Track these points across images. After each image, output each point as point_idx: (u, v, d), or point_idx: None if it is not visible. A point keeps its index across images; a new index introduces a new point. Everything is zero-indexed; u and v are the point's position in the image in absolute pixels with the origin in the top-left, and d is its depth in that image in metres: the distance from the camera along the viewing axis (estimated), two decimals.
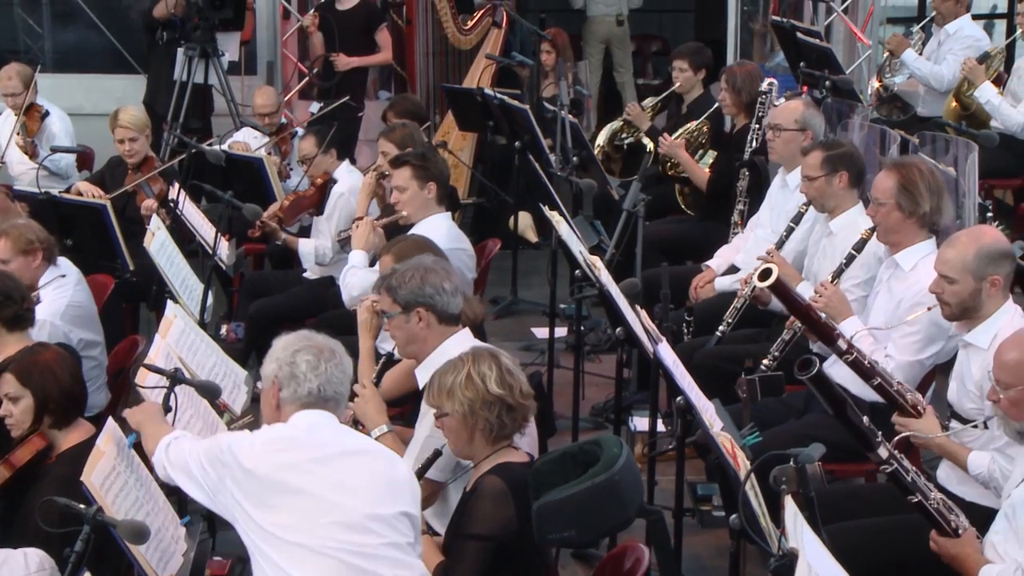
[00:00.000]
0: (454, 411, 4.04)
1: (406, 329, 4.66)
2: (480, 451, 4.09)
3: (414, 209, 6.06)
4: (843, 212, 5.64)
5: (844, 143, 5.79)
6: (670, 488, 4.91)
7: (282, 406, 3.85)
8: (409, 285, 4.64)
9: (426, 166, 6.08)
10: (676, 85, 8.14)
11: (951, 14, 8.94)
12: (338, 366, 3.87)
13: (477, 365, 4.06)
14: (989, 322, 4.37)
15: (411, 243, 5.37)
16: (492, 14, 9.46)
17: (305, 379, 3.81)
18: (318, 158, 7.23)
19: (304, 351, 3.85)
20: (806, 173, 5.66)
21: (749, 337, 5.92)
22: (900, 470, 3.88)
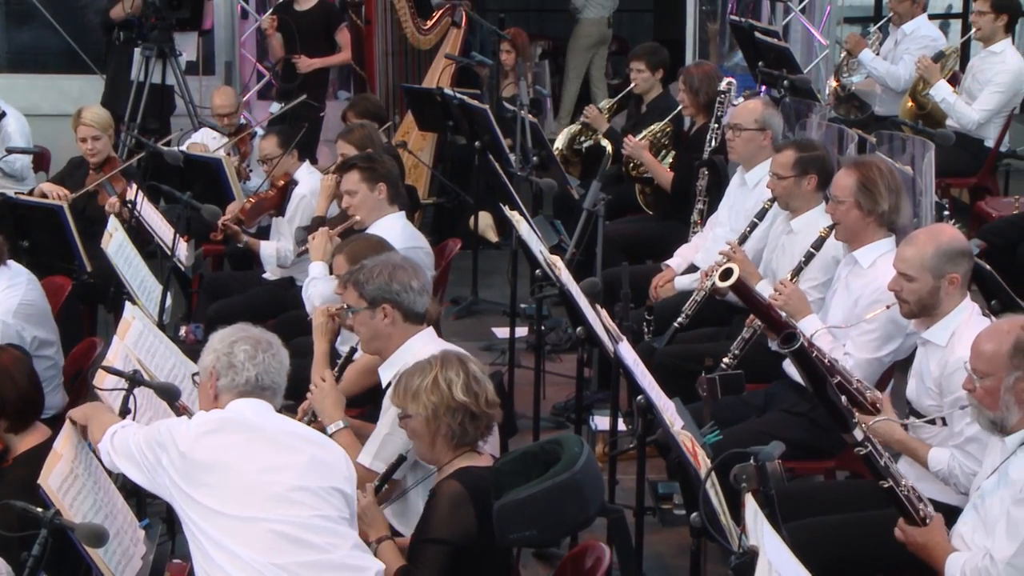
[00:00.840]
0: (417, 414, 4.03)
1: (371, 325, 4.65)
2: (443, 456, 4.08)
3: (366, 212, 6.05)
4: (806, 212, 5.67)
5: (818, 145, 5.81)
6: (631, 487, 4.92)
7: (219, 395, 3.92)
8: (376, 281, 4.63)
9: (374, 167, 6.08)
10: (633, 85, 8.17)
11: (908, 14, 9.02)
12: (275, 356, 3.94)
13: (445, 370, 4.05)
14: (947, 320, 4.40)
15: (364, 243, 5.37)
16: (451, 14, 9.45)
17: (243, 368, 3.89)
18: (278, 159, 7.20)
19: (241, 341, 3.92)
20: (776, 171, 5.68)
21: (709, 336, 5.94)
22: (874, 453, 3.89)
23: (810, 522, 4.39)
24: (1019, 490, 3.73)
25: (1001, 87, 8.14)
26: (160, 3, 9.08)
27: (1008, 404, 3.78)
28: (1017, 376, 3.75)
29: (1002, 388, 3.77)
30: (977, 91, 8.22)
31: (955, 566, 3.85)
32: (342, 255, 5.31)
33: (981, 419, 3.88)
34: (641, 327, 6.19)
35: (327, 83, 10.05)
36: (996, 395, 3.78)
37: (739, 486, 3.32)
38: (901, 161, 5.86)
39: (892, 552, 4.05)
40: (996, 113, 8.18)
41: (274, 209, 7.22)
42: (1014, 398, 3.77)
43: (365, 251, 5.20)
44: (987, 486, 3.90)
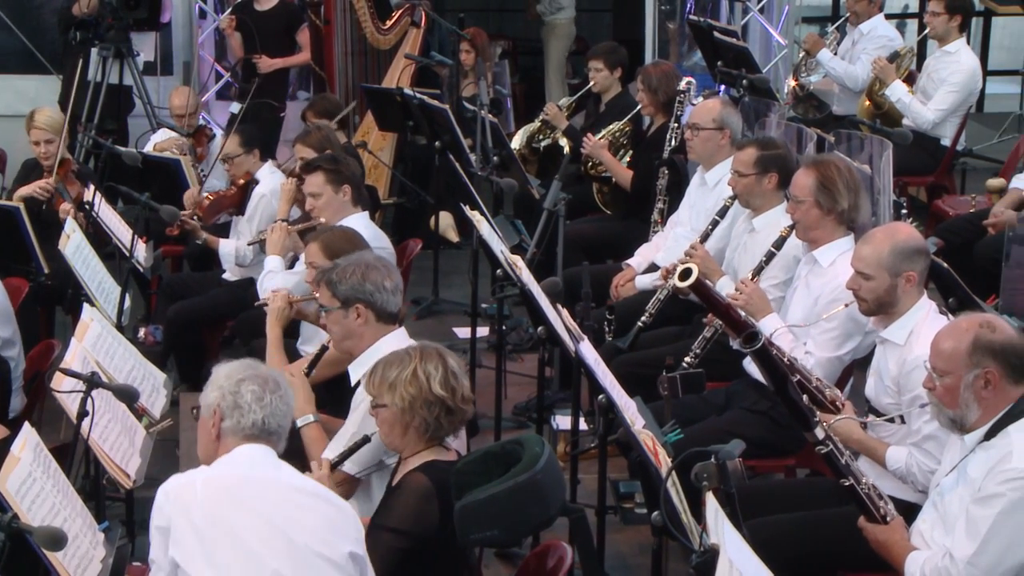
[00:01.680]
0: (393, 404, 4.01)
1: (343, 324, 4.64)
2: (411, 446, 4.07)
3: (331, 213, 6.04)
4: (768, 211, 5.70)
5: (779, 144, 5.83)
6: (592, 486, 4.92)
7: (223, 436, 3.69)
8: (350, 281, 4.61)
9: (339, 169, 6.07)
10: (592, 84, 8.19)
11: (865, 13, 9.08)
12: (282, 399, 3.71)
13: (424, 363, 4.03)
14: (905, 318, 4.43)
15: (339, 233, 5.38)
16: (410, 14, 9.43)
17: (249, 410, 3.65)
18: (240, 158, 7.17)
19: (249, 380, 3.69)
20: (737, 168, 5.70)
21: (670, 335, 5.95)
22: (835, 451, 3.91)
23: (771, 520, 4.41)
24: (977, 489, 3.76)
25: (956, 87, 8.19)
26: (117, 3, 9.02)
27: (967, 402, 3.81)
28: (976, 374, 3.78)
29: (962, 386, 3.80)
30: (932, 90, 8.28)
31: (915, 565, 3.87)
32: (317, 243, 5.32)
33: (941, 417, 3.91)
34: (602, 326, 6.20)
35: (287, 83, 10.02)
36: (956, 393, 3.81)
37: (700, 484, 3.33)
38: (859, 160, 5.89)
39: (852, 549, 4.07)
40: (951, 112, 8.23)
41: (234, 207, 7.18)
42: (973, 396, 3.80)
43: (340, 242, 5.23)
44: (946, 483, 3.92)
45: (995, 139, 10.51)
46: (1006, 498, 3.69)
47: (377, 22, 9.34)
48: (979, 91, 8.86)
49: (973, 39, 11.07)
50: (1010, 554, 3.72)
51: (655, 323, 5.97)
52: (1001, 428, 3.80)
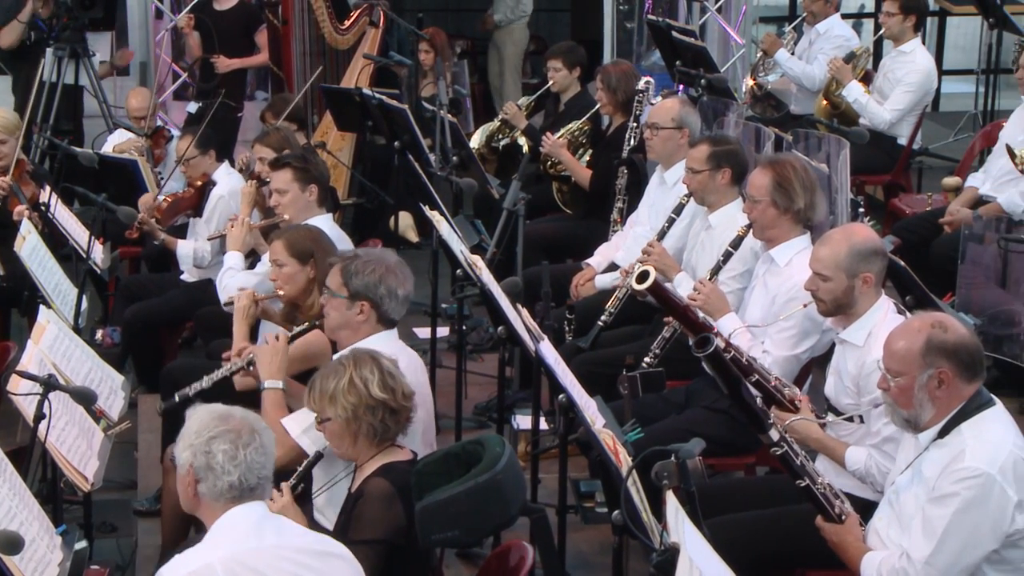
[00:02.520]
0: (337, 416, 4.01)
1: (344, 314, 4.63)
2: (364, 453, 4.07)
3: (295, 212, 6.02)
4: (723, 207, 5.72)
5: (731, 140, 5.87)
6: (553, 486, 4.93)
7: (202, 498, 3.49)
8: (367, 277, 4.60)
9: (307, 168, 6.06)
10: (551, 84, 8.20)
11: (821, 13, 9.13)
12: (258, 449, 3.48)
13: (359, 369, 4.03)
14: (863, 319, 4.45)
15: (304, 231, 5.37)
16: (369, 14, 9.40)
17: (223, 471, 3.43)
18: (197, 159, 7.13)
19: (220, 438, 3.45)
20: (691, 165, 5.72)
21: (630, 335, 5.96)
22: (790, 453, 3.93)
23: (731, 518, 4.42)
24: (932, 488, 3.78)
25: (911, 87, 8.25)
26: (72, 3, 8.95)
27: (921, 402, 3.83)
28: (930, 374, 3.80)
29: (915, 386, 3.82)
30: (889, 90, 8.33)
31: (871, 566, 3.89)
32: (280, 241, 5.31)
33: (895, 417, 3.93)
34: (562, 326, 6.20)
35: (245, 83, 9.97)
36: (910, 393, 3.83)
37: (660, 483, 3.33)
38: (817, 159, 5.93)
39: (812, 547, 4.09)
40: (907, 112, 8.28)
41: (191, 209, 7.14)
42: (927, 396, 3.82)
43: (304, 239, 5.24)
44: (901, 482, 3.95)
45: (950, 138, 10.60)
46: (960, 497, 3.72)
47: (335, 22, 9.31)
48: (934, 90, 8.92)
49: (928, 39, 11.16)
50: (966, 553, 3.74)
51: (615, 322, 5.98)
52: (954, 426, 3.82)
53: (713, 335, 4.35)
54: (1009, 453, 3.75)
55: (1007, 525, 3.73)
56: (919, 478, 3.85)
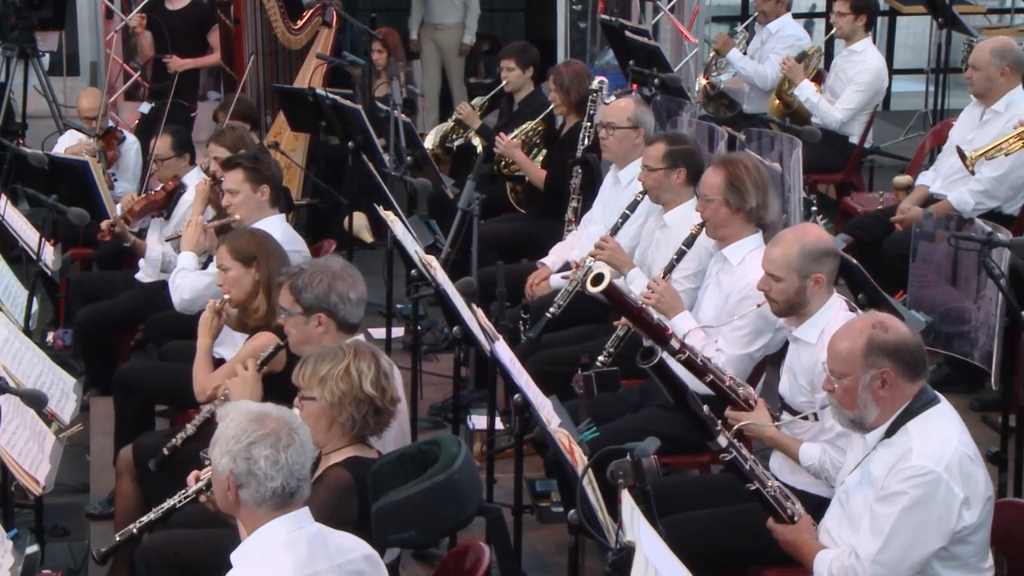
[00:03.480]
0: (322, 398, 4.00)
1: (304, 330, 4.62)
2: (333, 442, 4.06)
3: (247, 212, 6.00)
4: (678, 206, 5.74)
5: (688, 139, 5.90)
6: (509, 485, 4.93)
7: (243, 504, 3.44)
8: (316, 289, 4.58)
9: (259, 168, 6.03)
10: (504, 84, 8.21)
11: (773, 13, 9.18)
12: (298, 450, 3.43)
13: (357, 360, 4.02)
14: (816, 317, 4.48)
15: (247, 235, 5.35)
16: (322, 13, 9.37)
17: (267, 478, 3.38)
18: (172, 160, 7.08)
19: (260, 443, 3.39)
20: (647, 163, 5.75)
21: (584, 334, 5.97)
22: (739, 458, 3.95)
23: (686, 516, 4.44)
24: (880, 487, 3.81)
25: (862, 86, 8.30)
26: (21, 3, 8.86)
27: (866, 402, 3.85)
28: (872, 375, 3.82)
29: (859, 387, 3.83)
30: (840, 89, 8.39)
31: (822, 564, 3.91)
32: (224, 245, 5.28)
33: (841, 418, 3.96)
34: (517, 326, 6.20)
35: (198, 83, 9.91)
36: (854, 394, 3.85)
37: (616, 482, 3.34)
38: (770, 158, 5.96)
39: (767, 545, 4.11)
40: (859, 111, 8.34)
41: (160, 211, 7.09)
42: (871, 396, 3.84)
43: (249, 245, 5.21)
44: (851, 482, 3.97)
45: (901, 137, 10.68)
46: (908, 496, 3.74)
47: (288, 22, 9.27)
48: (885, 90, 8.99)
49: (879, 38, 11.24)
50: (913, 550, 3.77)
51: (569, 321, 5.99)
52: (900, 425, 3.84)
53: (667, 336, 4.39)
54: (955, 451, 3.78)
55: (954, 522, 3.76)
56: (868, 478, 3.88)
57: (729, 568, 4.45)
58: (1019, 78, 6.81)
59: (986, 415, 5.96)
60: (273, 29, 9.25)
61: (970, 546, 3.83)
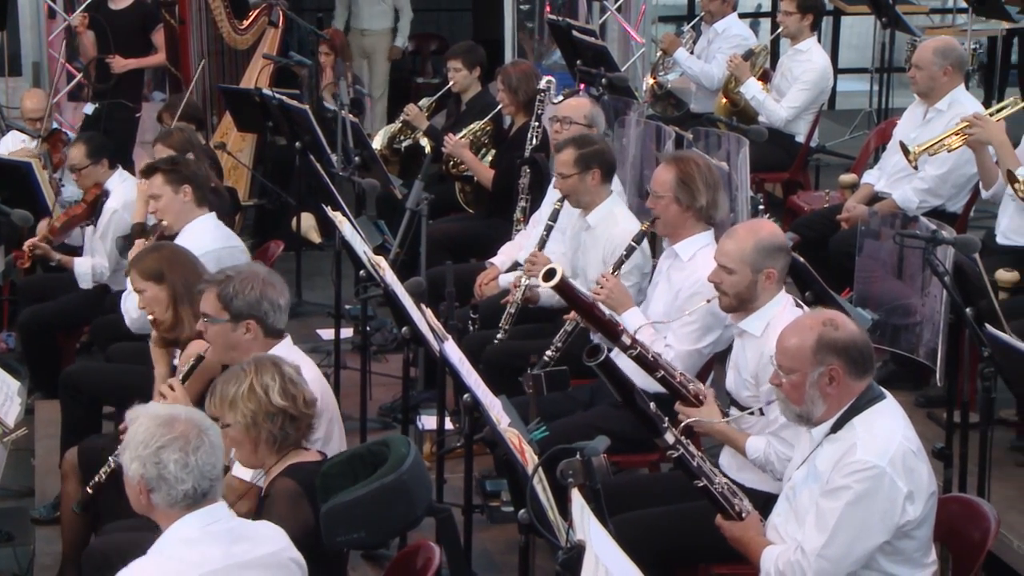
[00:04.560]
0: (236, 422, 3.97)
1: (230, 338, 4.59)
2: (267, 459, 4.04)
3: (173, 215, 5.97)
4: (598, 206, 5.78)
5: (595, 139, 5.94)
6: (459, 485, 4.92)
7: (156, 507, 3.47)
8: (247, 296, 4.55)
9: (177, 170, 6.00)
10: (452, 84, 8.20)
11: (719, 13, 9.22)
12: (208, 451, 3.45)
13: (260, 376, 3.98)
14: (762, 311, 4.51)
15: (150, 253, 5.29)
16: (268, 13, 9.33)
17: (177, 481, 3.41)
18: (88, 168, 6.99)
19: (169, 447, 3.41)
20: (560, 171, 5.80)
21: (532, 332, 5.98)
22: (686, 455, 3.97)
23: (636, 515, 4.45)
24: (826, 482, 3.84)
25: (808, 85, 8.36)
26: None
27: (813, 398, 3.88)
28: (821, 371, 3.85)
29: (807, 383, 3.86)
30: (786, 88, 8.44)
31: (769, 560, 3.93)
32: (132, 270, 5.23)
33: (787, 412, 3.98)
34: (466, 326, 6.20)
35: (142, 84, 9.83)
36: (802, 390, 3.88)
37: (566, 481, 3.34)
38: (717, 157, 5.99)
39: (716, 542, 4.12)
40: (804, 110, 8.39)
41: (86, 222, 7.02)
42: (819, 392, 3.87)
43: (151, 260, 5.16)
44: (797, 477, 4.00)
45: (847, 135, 10.75)
46: (852, 490, 3.77)
47: (234, 22, 9.22)
48: (830, 88, 9.05)
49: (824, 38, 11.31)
50: (858, 544, 3.80)
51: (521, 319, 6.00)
52: (846, 421, 3.87)
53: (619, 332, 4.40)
54: (899, 446, 3.81)
55: (898, 516, 3.80)
56: (814, 473, 3.91)
57: (679, 565, 4.47)
58: (961, 77, 6.87)
59: (931, 411, 6.01)
60: (219, 29, 9.20)
61: (914, 541, 3.86)
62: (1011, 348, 4.27)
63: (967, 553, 4.00)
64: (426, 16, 13.05)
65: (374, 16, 11.28)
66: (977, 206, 6.98)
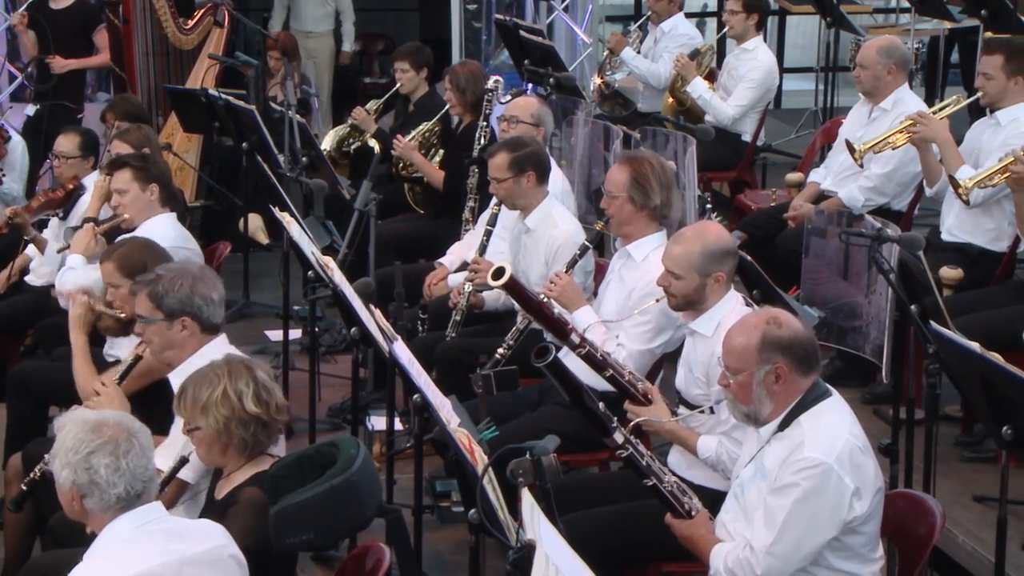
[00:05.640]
0: (207, 427, 3.94)
1: (166, 336, 4.56)
2: (233, 462, 4.02)
3: (136, 212, 5.93)
4: (535, 207, 5.78)
5: (528, 141, 5.96)
6: (409, 486, 4.91)
7: (90, 512, 3.48)
8: (178, 294, 4.52)
9: (147, 167, 5.97)
10: (399, 86, 8.19)
11: (665, 12, 9.25)
12: (139, 454, 3.45)
13: (233, 381, 3.95)
14: (713, 311, 4.53)
15: (133, 245, 5.25)
16: (213, 13, 9.27)
17: (109, 485, 3.42)
18: (76, 160, 6.95)
19: (99, 452, 3.41)
20: (494, 175, 5.81)
21: (483, 332, 5.98)
22: (635, 454, 3.98)
23: (586, 514, 4.46)
24: (773, 479, 3.86)
25: (753, 83, 8.40)
26: None
27: (760, 397, 3.90)
28: (767, 370, 3.87)
29: (754, 382, 3.89)
30: (732, 87, 8.48)
31: (718, 558, 3.95)
32: (111, 261, 5.17)
33: (736, 412, 4.00)
34: (416, 326, 6.20)
35: (84, 84, 9.74)
36: (749, 389, 3.90)
37: (516, 481, 3.35)
38: (664, 156, 6.00)
39: (665, 540, 4.14)
40: (750, 109, 8.44)
41: (58, 210, 6.96)
42: (765, 391, 3.89)
43: (135, 256, 5.11)
44: (745, 475, 4.02)
45: (793, 134, 10.82)
46: (800, 488, 3.79)
47: (179, 21, 9.16)
48: (776, 87, 9.11)
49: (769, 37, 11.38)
50: (806, 541, 3.82)
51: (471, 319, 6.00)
52: (793, 418, 3.90)
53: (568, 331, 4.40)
54: (845, 442, 3.84)
55: (845, 512, 3.82)
56: (761, 471, 3.93)
57: (629, 563, 4.48)
58: (905, 76, 6.94)
59: (877, 408, 6.06)
60: (164, 29, 9.13)
61: (861, 536, 3.89)
62: (955, 345, 4.31)
63: (913, 548, 4.03)
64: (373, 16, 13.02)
65: (318, 19, 11.21)
66: (922, 204, 7.04)
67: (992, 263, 6.20)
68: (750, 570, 3.85)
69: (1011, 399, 4.08)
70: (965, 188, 5.88)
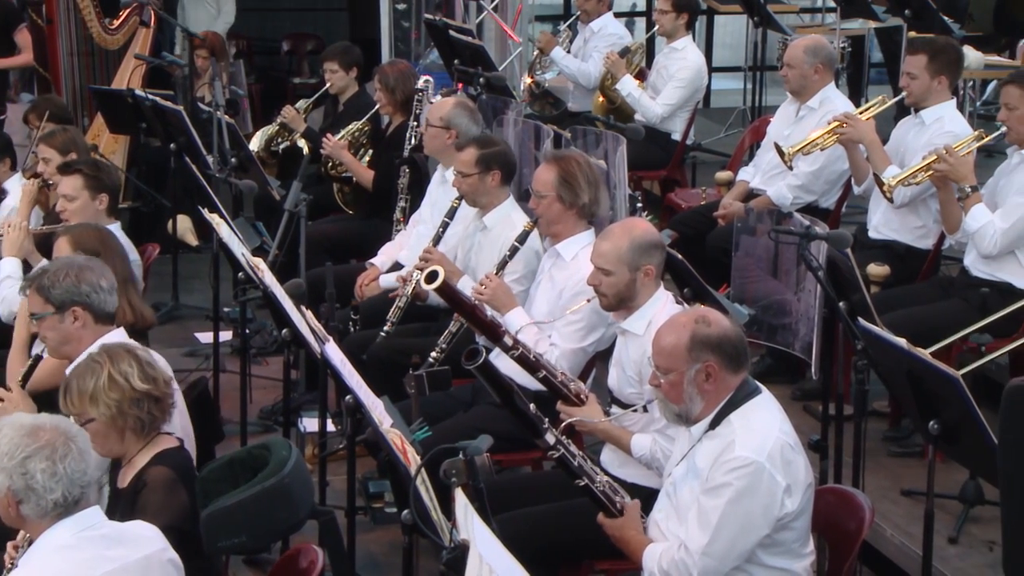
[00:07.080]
0: (100, 415, 3.90)
1: (60, 330, 4.51)
2: (132, 447, 3.99)
3: (83, 219, 5.85)
4: (496, 207, 5.78)
5: (498, 141, 5.94)
6: (342, 487, 4.89)
7: (27, 519, 3.43)
8: (63, 284, 4.47)
9: (99, 176, 5.92)
10: (329, 86, 8.15)
11: (595, 12, 9.29)
12: (76, 458, 3.39)
13: (116, 364, 3.93)
14: (643, 309, 4.55)
15: (92, 230, 5.21)
16: (139, 13, 9.18)
17: (46, 490, 3.35)
18: None
19: (35, 457, 3.35)
20: (460, 169, 5.78)
21: (417, 331, 5.97)
22: (567, 455, 3.99)
23: (519, 513, 4.46)
24: (706, 479, 3.88)
25: (683, 83, 8.45)
26: None
27: (691, 396, 3.92)
28: (697, 368, 3.89)
29: (684, 381, 3.91)
30: (662, 86, 8.52)
31: (652, 559, 3.96)
32: (66, 239, 5.13)
33: (667, 412, 4.02)
34: (347, 327, 6.17)
35: (7, 85, 9.61)
36: (680, 388, 3.91)
37: (449, 481, 3.34)
38: (595, 155, 6.02)
39: (598, 538, 4.15)
40: (679, 107, 8.48)
41: None
42: (696, 390, 3.91)
43: (91, 238, 5.08)
44: (677, 474, 4.04)
45: (722, 133, 10.90)
46: (733, 487, 3.82)
47: (104, 21, 9.06)
48: (705, 86, 9.17)
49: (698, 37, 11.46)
50: (741, 540, 3.85)
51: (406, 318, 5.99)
52: (724, 417, 3.92)
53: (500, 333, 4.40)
54: (776, 440, 3.86)
55: (777, 509, 3.85)
56: (694, 470, 3.95)
57: (563, 562, 4.49)
58: (832, 75, 7.01)
59: (807, 404, 6.12)
60: (88, 29, 9.03)
61: (792, 532, 3.92)
62: (883, 341, 4.36)
63: (843, 542, 4.07)
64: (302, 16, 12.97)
65: (200, 21, 11.05)
66: (849, 202, 7.12)
67: (918, 260, 6.28)
68: (686, 571, 3.86)
69: (937, 394, 4.13)
70: (889, 187, 5.95)
